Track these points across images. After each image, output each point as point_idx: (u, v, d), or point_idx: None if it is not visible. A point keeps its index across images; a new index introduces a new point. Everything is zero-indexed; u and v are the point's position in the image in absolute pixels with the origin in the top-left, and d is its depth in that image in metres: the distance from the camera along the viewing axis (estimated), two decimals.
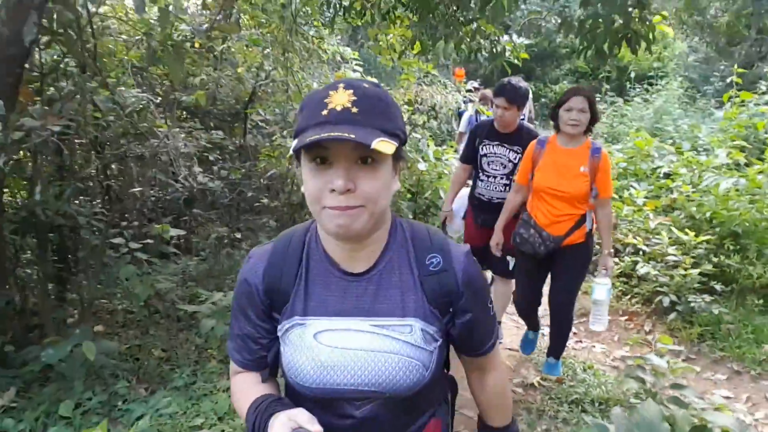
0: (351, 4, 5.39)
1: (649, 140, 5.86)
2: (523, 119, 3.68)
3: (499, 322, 3.79)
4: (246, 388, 1.07)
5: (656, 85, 10.10)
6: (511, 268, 3.41)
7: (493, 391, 1.21)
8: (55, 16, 3.12)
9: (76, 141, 3.90)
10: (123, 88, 4.49)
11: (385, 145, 0.83)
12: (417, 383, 1.00)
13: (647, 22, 3.03)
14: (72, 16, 3.30)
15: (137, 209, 4.61)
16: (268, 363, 1.09)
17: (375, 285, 1.02)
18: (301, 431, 0.86)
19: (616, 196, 5.27)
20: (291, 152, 0.90)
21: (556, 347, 3.23)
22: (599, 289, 2.96)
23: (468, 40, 4.14)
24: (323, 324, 1.01)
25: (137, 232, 4.13)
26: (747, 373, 3.33)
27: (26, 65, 3.16)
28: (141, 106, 4.52)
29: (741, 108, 6.46)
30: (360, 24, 6.02)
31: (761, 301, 3.77)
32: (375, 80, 0.85)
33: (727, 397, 3.12)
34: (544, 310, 3.43)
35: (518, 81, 3.30)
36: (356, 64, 6.71)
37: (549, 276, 3.16)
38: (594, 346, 3.84)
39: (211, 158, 5.64)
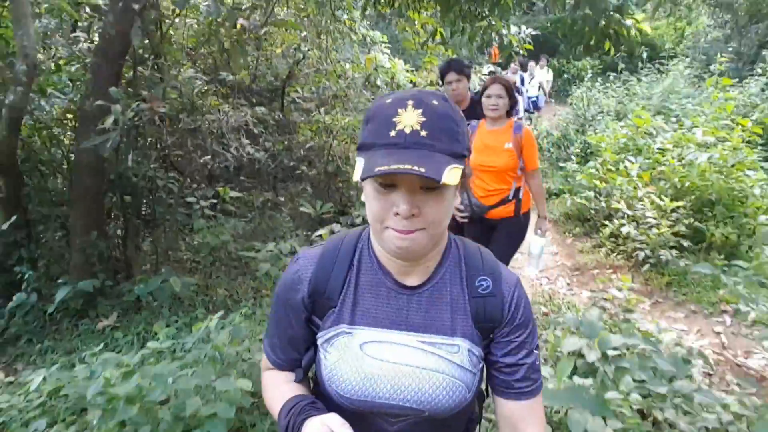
0: None
1: (647, 119, 6.48)
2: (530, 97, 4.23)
3: None
4: (278, 384, 1.07)
5: (666, 65, 10.57)
6: None
7: None
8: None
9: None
10: (182, 70, 5.31)
11: (453, 174, 0.83)
12: (459, 404, 1.00)
13: (625, 25, 3.69)
14: (157, 15, 4.10)
15: (199, 175, 5.47)
16: (301, 365, 1.09)
17: (426, 300, 1.02)
18: None
19: (613, 168, 5.95)
20: (357, 178, 0.87)
21: None
22: (533, 245, 3.47)
23: (481, 33, 4.83)
24: (371, 335, 1.00)
25: (203, 194, 4.97)
26: (701, 312, 4.07)
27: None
28: (198, 86, 5.34)
29: (725, 91, 7.01)
30: (388, 11, 6.70)
31: (722, 256, 4.47)
32: (440, 93, 0.96)
33: (682, 330, 3.88)
34: None
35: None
36: (384, 47, 7.42)
37: None
38: (582, 293, 4.60)
39: (255, 131, 6.43)
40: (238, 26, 4.33)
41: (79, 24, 4.55)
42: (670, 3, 18.89)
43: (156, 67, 4.51)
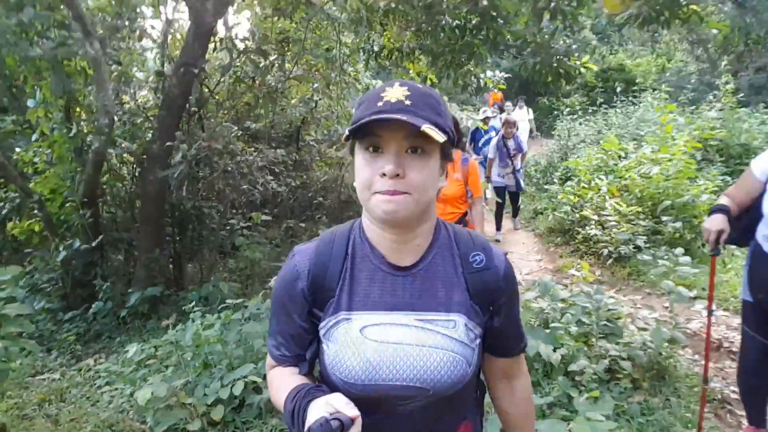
0: (381, 51, 7.21)
1: (615, 144, 7.49)
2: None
3: None
4: (283, 377, 1.09)
5: (638, 97, 11.70)
6: None
7: (522, 397, 1.22)
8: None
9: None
10: (219, 120, 6.40)
11: (434, 132, 0.89)
12: (461, 379, 1.03)
13: (572, 66, 4.73)
14: (206, 75, 5.19)
15: (234, 205, 6.49)
16: (306, 360, 1.11)
17: (420, 280, 1.05)
18: (340, 416, 0.87)
19: (586, 185, 6.91)
20: (345, 134, 0.93)
21: None
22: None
23: (463, 77, 5.91)
24: (369, 318, 1.03)
25: (239, 219, 5.97)
26: (655, 294, 4.94)
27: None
28: (233, 132, 6.42)
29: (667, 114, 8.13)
30: (387, 63, 7.86)
31: (677, 250, 5.37)
32: (429, 87, 1.06)
33: (638, 307, 4.73)
34: None
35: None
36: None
37: None
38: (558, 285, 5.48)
39: (276, 170, 7.48)
40: (266, 83, 5.41)
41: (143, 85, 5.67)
42: (650, 41, 20.10)
43: (200, 117, 5.59)
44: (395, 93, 0.94)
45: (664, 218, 5.65)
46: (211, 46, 5.39)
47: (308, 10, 6.43)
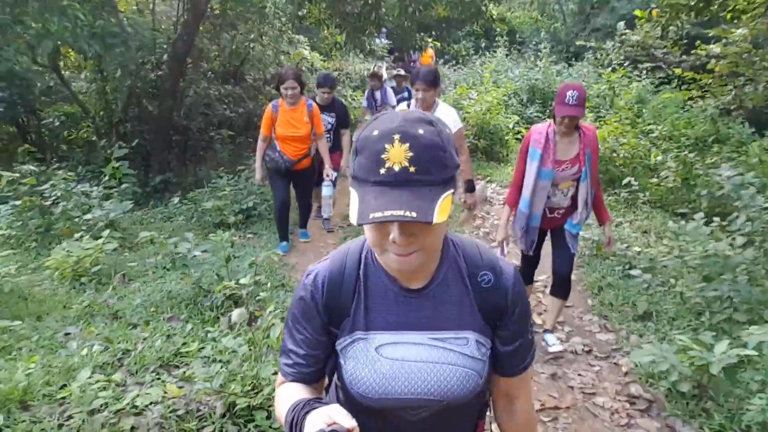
0: (305, 15, 10.16)
1: (464, 89, 11.07)
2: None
3: None
4: (289, 393, 1.10)
5: (520, 47, 15.43)
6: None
7: (522, 419, 1.24)
8: None
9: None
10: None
11: (444, 207, 0.90)
12: (473, 391, 1.09)
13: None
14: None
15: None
16: (319, 377, 1.17)
17: (432, 300, 1.09)
18: (337, 427, 0.88)
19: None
20: (353, 221, 0.91)
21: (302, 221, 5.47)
22: (324, 189, 5.26)
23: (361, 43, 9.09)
24: (384, 338, 1.08)
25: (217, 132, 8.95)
26: None
27: None
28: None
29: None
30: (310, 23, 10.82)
31: (491, 161, 9.12)
32: (426, 116, 0.98)
33: None
34: None
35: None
36: (306, 45, 11.51)
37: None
38: None
39: (226, 101, 10.36)
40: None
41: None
42: None
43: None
44: (397, 155, 0.90)
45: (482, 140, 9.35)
46: None
47: None
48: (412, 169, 0.90)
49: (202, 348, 2.91)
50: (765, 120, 9.17)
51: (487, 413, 1.31)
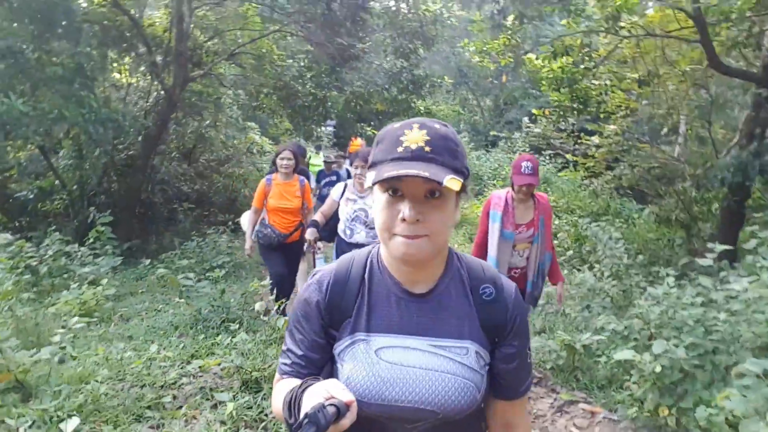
0: (257, 106, 11.57)
1: None
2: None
3: None
4: (287, 385, 1.08)
5: None
6: None
7: None
8: None
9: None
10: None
11: (453, 182, 0.95)
12: (470, 404, 1.08)
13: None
14: None
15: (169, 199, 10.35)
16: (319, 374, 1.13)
17: (434, 306, 1.11)
18: (335, 401, 0.88)
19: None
20: (370, 184, 0.99)
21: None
22: (318, 262, 5.32)
23: (308, 130, 10.54)
24: (385, 341, 1.09)
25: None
26: None
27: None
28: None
29: None
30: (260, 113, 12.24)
31: None
32: (445, 123, 1.06)
33: None
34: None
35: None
36: (257, 131, 12.88)
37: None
38: None
39: (183, 179, 11.38)
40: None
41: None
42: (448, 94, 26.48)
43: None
44: (415, 137, 0.98)
45: None
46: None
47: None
48: (427, 149, 0.97)
49: (216, 345, 3.89)
50: (651, 193, 11.26)
51: None
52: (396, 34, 10.77)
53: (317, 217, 4.22)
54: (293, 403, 0.94)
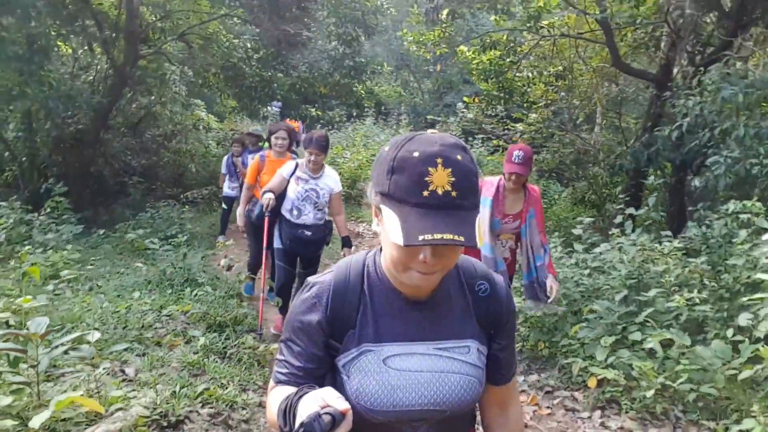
0: (203, 83, 11.95)
1: (339, 149, 13.42)
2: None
3: None
4: (282, 392, 1.07)
5: (385, 116, 18.32)
6: None
7: (516, 425, 1.30)
8: None
9: None
10: None
11: (478, 232, 0.96)
12: (475, 399, 1.15)
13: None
14: None
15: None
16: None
17: (435, 310, 1.14)
18: (330, 409, 0.89)
19: None
20: (396, 242, 0.95)
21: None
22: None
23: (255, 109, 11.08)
24: (391, 349, 1.11)
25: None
26: None
27: None
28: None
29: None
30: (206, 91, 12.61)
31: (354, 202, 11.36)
32: (460, 142, 1.03)
33: None
34: None
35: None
36: (203, 108, 13.23)
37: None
38: None
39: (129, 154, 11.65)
40: None
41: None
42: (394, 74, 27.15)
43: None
44: (441, 179, 0.95)
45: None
46: None
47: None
48: (454, 193, 0.95)
49: (181, 299, 4.61)
50: (569, 177, 12.56)
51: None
52: (339, 21, 11.44)
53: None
54: (288, 411, 0.96)
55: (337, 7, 11.10)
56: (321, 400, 0.92)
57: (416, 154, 0.97)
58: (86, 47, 9.91)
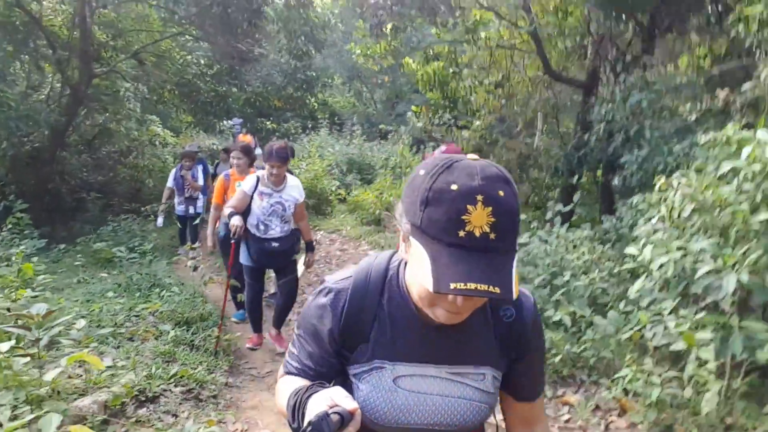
0: (158, 99, 12.19)
1: (295, 160, 13.84)
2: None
3: None
4: (292, 383, 1.10)
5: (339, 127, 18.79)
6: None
7: None
8: None
9: None
10: None
11: (516, 279, 0.89)
12: (482, 421, 1.15)
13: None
14: None
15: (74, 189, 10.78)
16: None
17: (454, 334, 1.09)
18: (339, 409, 0.89)
19: None
20: (425, 285, 0.90)
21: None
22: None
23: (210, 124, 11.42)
24: (403, 369, 1.09)
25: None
26: None
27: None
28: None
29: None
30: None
31: (313, 210, 11.83)
32: (503, 173, 0.94)
33: None
34: None
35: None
36: (158, 123, 13.43)
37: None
38: None
39: (85, 171, 11.79)
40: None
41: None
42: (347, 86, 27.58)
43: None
44: (479, 219, 0.86)
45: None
46: None
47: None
48: (492, 236, 0.87)
49: (149, 301, 4.99)
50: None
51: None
52: (290, 36, 11.91)
53: (230, 210, 4.01)
54: (297, 408, 0.96)
55: (286, 23, 11.58)
56: (330, 399, 0.92)
57: (454, 187, 0.89)
58: (37, 67, 10.04)
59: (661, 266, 2.77)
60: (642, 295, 3.31)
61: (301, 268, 4.60)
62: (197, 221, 7.82)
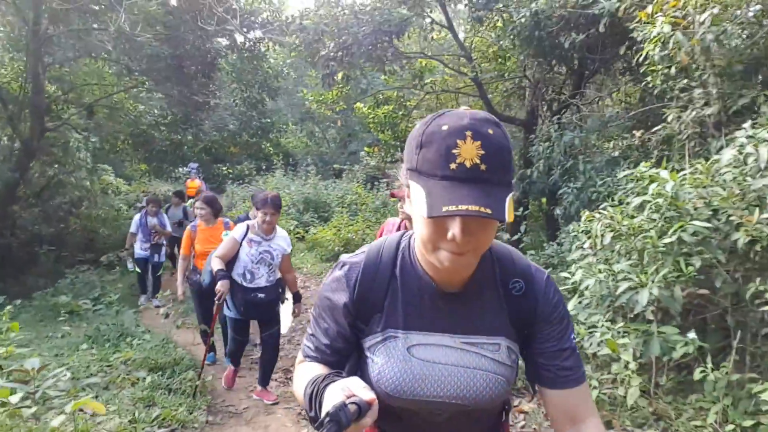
0: (113, 148, 12.23)
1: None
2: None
3: None
4: (310, 369, 1.12)
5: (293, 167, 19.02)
6: None
7: None
8: None
9: None
10: None
11: (510, 207, 0.90)
12: (499, 396, 1.11)
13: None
14: None
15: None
16: (340, 366, 1.16)
17: (466, 304, 1.10)
18: (356, 399, 0.90)
19: None
20: (423, 213, 0.90)
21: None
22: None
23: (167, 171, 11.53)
24: (417, 338, 1.09)
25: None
26: None
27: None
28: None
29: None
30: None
31: None
32: (492, 118, 0.96)
33: None
34: None
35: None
36: (111, 172, 13.41)
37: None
38: None
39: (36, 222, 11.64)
40: None
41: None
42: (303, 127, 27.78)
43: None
44: (469, 151, 0.90)
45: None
46: None
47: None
48: (483, 167, 0.90)
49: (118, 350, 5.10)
50: None
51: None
52: (243, 86, 12.26)
53: (219, 264, 4.00)
54: (314, 397, 0.98)
55: (240, 73, 11.96)
56: (347, 389, 0.93)
57: (445, 127, 0.93)
58: None
59: (587, 287, 3.23)
60: (577, 312, 3.78)
61: (289, 318, 4.67)
62: (161, 272, 7.88)
